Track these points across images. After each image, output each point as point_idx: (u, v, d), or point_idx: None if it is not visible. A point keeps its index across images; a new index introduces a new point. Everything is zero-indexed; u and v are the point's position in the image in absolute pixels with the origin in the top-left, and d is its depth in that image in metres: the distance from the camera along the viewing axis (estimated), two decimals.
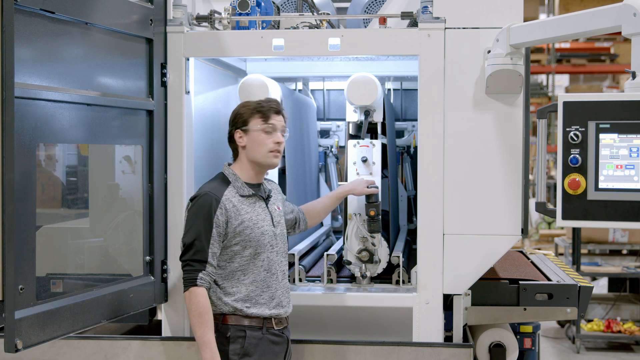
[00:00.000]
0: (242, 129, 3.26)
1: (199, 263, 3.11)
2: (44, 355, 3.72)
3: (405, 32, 3.74)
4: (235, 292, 3.18)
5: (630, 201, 2.99)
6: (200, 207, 3.15)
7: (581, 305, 3.95)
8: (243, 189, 3.25)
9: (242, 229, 3.18)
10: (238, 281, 3.19)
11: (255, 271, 3.21)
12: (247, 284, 3.19)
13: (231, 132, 3.31)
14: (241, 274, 3.20)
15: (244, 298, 3.18)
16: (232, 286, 3.18)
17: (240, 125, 3.27)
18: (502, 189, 3.62)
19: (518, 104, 3.61)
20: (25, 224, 2.84)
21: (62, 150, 3.58)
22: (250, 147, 3.27)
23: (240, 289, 3.18)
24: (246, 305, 3.17)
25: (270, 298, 3.23)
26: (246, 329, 3.16)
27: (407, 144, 5.19)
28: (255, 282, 3.21)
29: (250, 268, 3.20)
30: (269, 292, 3.24)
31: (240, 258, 3.19)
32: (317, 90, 5.42)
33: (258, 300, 3.19)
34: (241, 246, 3.19)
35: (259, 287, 3.21)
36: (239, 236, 3.18)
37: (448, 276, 3.67)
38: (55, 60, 3.07)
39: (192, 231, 3.14)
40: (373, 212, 3.84)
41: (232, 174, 3.27)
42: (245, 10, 3.92)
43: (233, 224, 3.17)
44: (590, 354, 8.09)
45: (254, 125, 3.26)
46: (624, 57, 13.42)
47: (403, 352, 3.59)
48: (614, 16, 2.91)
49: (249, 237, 3.19)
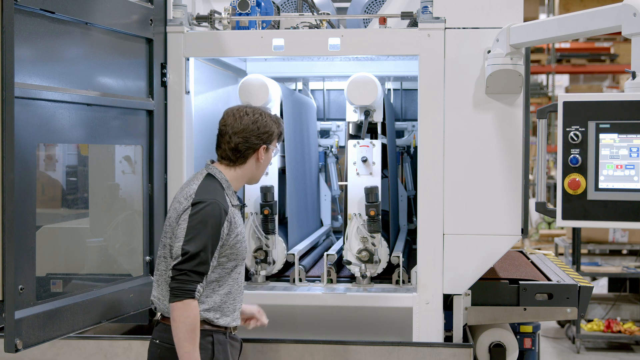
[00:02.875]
0: (268, 146, 3.16)
1: (199, 275, 2.92)
2: (44, 355, 3.72)
3: (405, 32, 3.74)
4: (208, 301, 3.03)
5: (630, 201, 2.99)
6: (209, 217, 2.94)
7: (581, 305, 3.95)
8: (233, 197, 3.11)
9: (235, 242, 3.05)
10: (213, 291, 3.04)
11: (230, 283, 3.09)
12: (222, 295, 3.06)
13: (256, 145, 3.12)
14: (217, 284, 3.05)
15: (215, 308, 3.04)
16: (206, 295, 3.02)
17: (267, 142, 3.14)
18: (502, 189, 3.62)
19: (518, 104, 3.61)
20: (25, 224, 2.84)
21: (62, 150, 3.58)
22: (263, 166, 3.18)
23: (214, 298, 3.04)
24: (217, 316, 3.04)
25: (234, 310, 3.12)
26: (213, 333, 3.04)
27: (407, 144, 5.19)
28: (230, 294, 3.09)
29: (226, 280, 3.07)
30: (235, 304, 3.13)
31: (222, 270, 3.05)
32: (317, 90, 5.43)
33: (227, 312, 3.08)
34: (227, 258, 3.05)
35: (230, 298, 3.09)
36: (231, 249, 3.04)
37: (448, 276, 3.67)
38: (55, 60, 3.07)
39: (198, 240, 2.92)
40: (373, 212, 3.84)
41: (225, 180, 3.11)
42: (245, 10, 3.93)
43: (231, 236, 3.03)
44: (590, 354, 8.08)
45: (274, 147, 3.20)
46: (624, 57, 13.42)
47: (403, 352, 3.59)
48: (614, 16, 2.91)
49: (238, 250, 3.08)
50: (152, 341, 3.09)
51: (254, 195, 4.07)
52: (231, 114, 3.14)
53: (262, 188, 4.01)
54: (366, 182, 3.94)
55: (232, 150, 3.10)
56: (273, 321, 3.64)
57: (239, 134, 3.09)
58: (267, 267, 4.06)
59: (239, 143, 3.09)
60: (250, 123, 3.10)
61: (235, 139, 3.08)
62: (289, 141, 4.20)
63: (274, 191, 4.05)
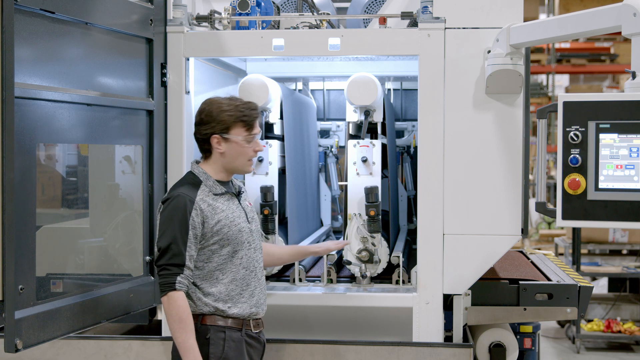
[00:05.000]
0: (223, 136, 3.09)
1: (177, 267, 2.98)
2: (44, 355, 3.72)
3: (405, 32, 3.74)
4: (215, 292, 3.08)
5: (630, 201, 2.99)
6: (174, 210, 3.01)
7: (581, 305, 3.95)
8: (215, 187, 3.12)
9: (219, 228, 3.07)
10: (217, 281, 3.09)
11: (234, 269, 3.12)
12: (227, 283, 3.10)
13: (206, 135, 3.10)
14: (220, 273, 3.10)
15: (224, 298, 3.09)
16: (211, 286, 3.08)
17: (219, 131, 3.08)
18: (502, 189, 3.62)
19: (518, 104, 3.61)
20: (25, 224, 2.85)
21: (62, 150, 3.58)
22: (229, 156, 3.12)
23: (219, 288, 3.09)
24: (228, 305, 3.09)
25: (250, 296, 3.15)
26: (226, 329, 3.09)
27: (407, 144, 5.19)
28: (235, 281, 3.12)
29: (228, 267, 3.11)
30: (249, 290, 3.15)
31: (218, 257, 3.09)
32: (317, 90, 5.43)
33: (239, 300, 3.11)
34: (219, 245, 3.08)
35: (238, 285, 3.12)
36: (217, 235, 3.07)
37: (448, 276, 3.67)
38: (55, 60, 3.07)
39: (167, 235, 3.00)
40: (373, 212, 3.84)
41: (203, 173, 3.13)
42: (245, 10, 3.93)
43: (210, 223, 3.05)
44: (590, 354, 8.08)
45: (237, 136, 3.10)
46: (624, 57, 13.42)
47: (403, 352, 3.59)
48: (614, 16, 2.91)
49: (226, 235, 3.09)
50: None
51: (254, 195, 4.07)
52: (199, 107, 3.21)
53: (262, 188, 4.01)
54: (366, 182, 3.93)
55: (196, 142, 3.20)
56: (273, 321, 3.64)
57: (195, 125, 3.18)
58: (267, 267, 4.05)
59: (195, 134, 3.19)
60: (202, 115, 3.15)
61: (194, 131, 3.19)
62: (289, 141, 4.20)
63: (274, 191, 4.04)
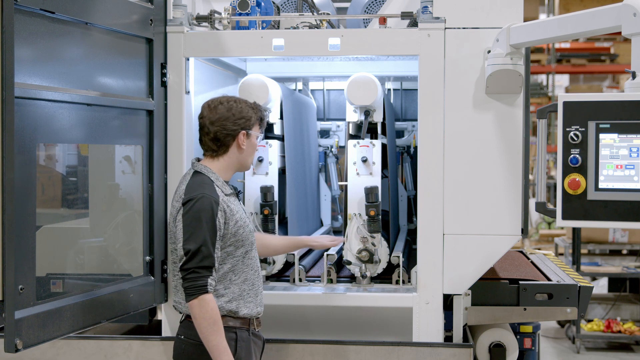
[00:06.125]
0: (248, 132, 3.18)
1: (207, 269, 2.96)
2: (44, 355, 3.72)
3: (405, 32, 3.74)
4: (227, 293, 3.10)
5: (630, 201, 2.99)
6: (201, 211, 2.99)
7: (581, 305, 3.95)
8: (224, 187, 3.14)
9: (236, 229, 3.09)
10: (230, 282, 3.11)
11: (245, 270, 3.15)
12: (239, 284, 3.13)
13: (234, 132, 3.15)
14: (232, 274, 3.11)
15: (236, 298, 3.11)
16: (224, 287, 3.09)
17: (247, 128, 3.17)
18: (502, 189, 3.62)
19: (518, 104, 3.61)
20: (25, 224, 2.84)
21: (62, 150, 3.58)
22: (247, 152, 3.20)
23: (233, 289, 3.11)
24: (239, 305, 3.11)
25: (255, 295, 3.19)
26: (236, 330, 3.11)
27: (407, 144, 5.19)
28: (247, 281, 3.15)
29: (240, 267, 3.13)
30: (254, 290, 3.19)
31: (233, 259, 3.11)
32: (317, 90, 5.43)
33: (247, 300, 3.14)
34: (234, 246, 3.11)
35: (249, 285, 3.16)
36: (234, 237, 3.09)
37: (448, 276, 3.67)
38: (55, 60, 3.07)
39: (196, 237, 2.96)
40: (373, 212, 3.84)
41: (213, 173, 3.15)
42: (245, 10, 3.93)
43: (230, 225, 3.07)
44: (590, 354, 8.08)
45: (256, 132, 3.22)
46: (624, 57, 13.42)
47: (403, 352, 3.59)
48: (614, 16, 2.91)
49: (242, 236, 3.12)
50: (177, 337, 3.17)
51: (254, 195, 4.07)
52: (206, 106, 3.21)
53: (262, 188, 4.01)
54: (366, 182, 3.94)
55: (213, 140, 3.17)
56: (273, 321, 3.65)
57: (216, 123, 3.14)
58: (267, 267, 4.06)
59: (217, 131, 3.15)
60: (225, 111, 3.15)
61: (212, 128, 3.15)
62: (289, 141, 4.20)
63: (274, 191, 4.05)
